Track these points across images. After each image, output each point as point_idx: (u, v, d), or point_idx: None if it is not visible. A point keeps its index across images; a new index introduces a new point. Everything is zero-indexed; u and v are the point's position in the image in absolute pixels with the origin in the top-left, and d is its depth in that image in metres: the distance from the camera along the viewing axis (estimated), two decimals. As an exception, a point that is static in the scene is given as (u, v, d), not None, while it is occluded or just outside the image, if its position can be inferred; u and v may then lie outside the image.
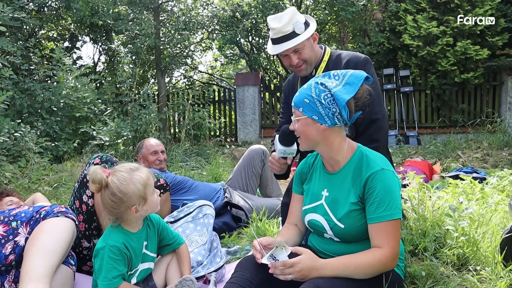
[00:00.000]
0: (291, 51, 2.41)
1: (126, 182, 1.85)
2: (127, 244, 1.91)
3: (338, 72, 1.77)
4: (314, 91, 1.72)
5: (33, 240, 1.84)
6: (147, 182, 1.89)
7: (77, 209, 2.36)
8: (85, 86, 7.58)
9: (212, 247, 2.47)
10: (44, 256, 1.79)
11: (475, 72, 8.60)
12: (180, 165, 6.20)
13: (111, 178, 1.86)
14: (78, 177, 2.42)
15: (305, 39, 2.39)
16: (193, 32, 10.42)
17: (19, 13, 6.31)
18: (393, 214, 1.65)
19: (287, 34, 2.37)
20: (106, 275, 1.84)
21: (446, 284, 2.00)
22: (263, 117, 10.33)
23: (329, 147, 1.78)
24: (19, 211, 1.99)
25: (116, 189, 1.83)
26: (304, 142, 1.80)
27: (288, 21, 2.35)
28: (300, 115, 1.76)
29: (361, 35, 10.26)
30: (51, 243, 1.84)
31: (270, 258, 1.65)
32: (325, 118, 1.72)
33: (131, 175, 1.87)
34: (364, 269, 1.64)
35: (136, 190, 1.85)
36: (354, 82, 1.72)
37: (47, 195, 4.44)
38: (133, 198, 1.86)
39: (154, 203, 1.94)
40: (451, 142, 7.89)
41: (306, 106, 1.73)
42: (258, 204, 3.52)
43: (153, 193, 1.94)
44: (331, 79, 1.75)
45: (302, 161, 2.02)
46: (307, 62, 2.46)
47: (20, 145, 5.32)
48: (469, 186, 3.19)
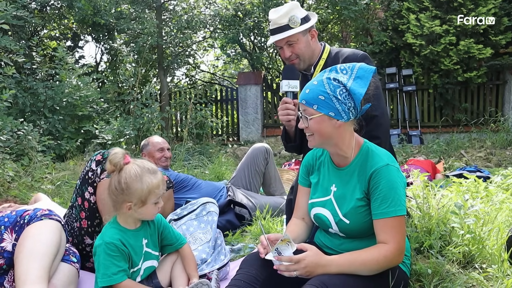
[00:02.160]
0: (284, 43, 2.46)
1: (135, 178, 1.84)
2: (123, 240, 1.89)
3: (345, 66, 1.75)
4: (329, 87, 1.69)
5: (20, 247, 1.82)
6: (154, 189, 1.87)
7: (79, 206, 2.35)
8: (88, 85, 7.59)
9: (216, 244, 2.46)
10: (34, 259, 1.78)
11: (478, 71, 8.59)
12: (183, 163, 6.20)
13: (127, 167, 1.86)
14: (80, 175, 2.40)
15: (298, 33, 2.42)
16: (195, 31, 10.42)
17: (22, 11, 6.31)
18: (397, 210, 1.65)
19: (281, 26, 2.42)
20: (106, 272, 1.82)
21: (452, 281, 1.99)
22: (265, 116, 10.33)
23: (341, 143, 1.76)
24: (1, 216, 1.96)
25: (123, 179, 1.84)
26: (318, 139, 1.76)
27: (284, 14, 2.41)
28: (314, 113, 1.71)
29: (364, 34, 10.24)
30: (39, 246, 1.82)
31: (276, 252, 1.64)
32: (342, 114, 1.70)
33: (143, 174, 1.85)
34: (370, 265, 1.63)
35: (139, 190, 1.84)
36: (365, 75, 1.71)
37: (49, 193, 4.44)
38: (133, 196, 1.85)
39: (150, 213, 1.92)
40: (454, 141, 7.88)
41: (322, 103, 1.69)
42: (262, 202, 3.51)
43: (155, 203, 1.90)
44: (339, 74, 1.73)
45: (308, 153, 2.01)
46: (300, 57, 2.49)
47: (23, 143, 5.32)
48: (473, 184, 3.17)
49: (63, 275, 1.94)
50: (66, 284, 1.94)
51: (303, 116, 1.75)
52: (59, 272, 1.92)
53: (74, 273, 2.02)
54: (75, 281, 2.03)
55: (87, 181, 2.32)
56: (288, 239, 1.64)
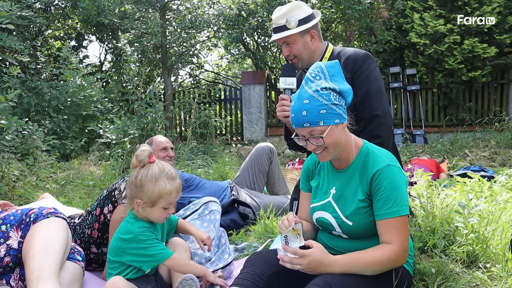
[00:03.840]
0: (281, 42, 2.52)
1: (150, 178, 1.91)
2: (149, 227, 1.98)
3: (315, 72, 1.72)
4: (323, 98, 1.67)
5: (29, 243, 1.85)
6: (165, 194, 1.92)
7: (96, 216, 2.40)
8: (92, 84, 7.62)
9: (221, 243, 2.47)
10: (46, 256, 1.80)
11: (483, 70, 8.55)
12: (187, 163, 6.21)
13: (150, 165, 1.94)
14: (109, 186, 2.46)
15: (294, 34, 2.46)
16: (199, 30, 10.43)
17: (27, 11, 6.34)
18: (400, 210, 1.65)
19: (279, 26, 2.48)
20: (152, 253, 1.91)
21: (456, 281, 1.99)
22: (269, 116, 10.32)
23: (346, 145, 1.77)
24: (7, 214, 1.99)
25: (140, 176, 1.92)
26: (332, 151, 1.73)
27: (283, 14, 2.46)
28: (324, 129, 1.67)
29: (367, 33, 10.22)
30: (48, 242, 1.85)
31: (284, 240, 1.65)
32: (343, 115, 1.71)
33: (159, 177, 1.92)
34: (373, 266, 1.63)
35: (150, 190, 1.90)
36: (336, 71, 1.74)
37: (54, 192, 4.47)
38: (144, 194, 1.91)
39: (158, 216, 1.98)
40: (458, 140, 7.85)
41: (326, 116, 1.66)
42: (266, 201, 3.51)
43: (165, 209, 1.96)
44: (317, 81, 1.70)
45: (308, 158, 2.02)
46: (298, 57, 2.53)
47: (28, 143, 5.34)
48: (477, 184, 3.16)
49: (68, 273, 1.96)
50: (72, 282, 1.96)
51: (311, 138, 1.69)
52: (64, 270, 1.94)
53: (79, 272, 2.04)
54: (80, 280, 2.05)
55: (110, 198, 2.37)
56: (298, 230, 1.65)
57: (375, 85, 2.42)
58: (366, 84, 2.41)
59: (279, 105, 2.39)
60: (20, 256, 1.88)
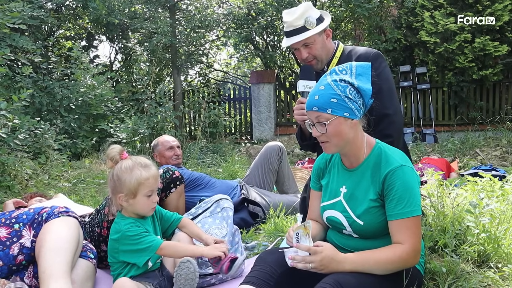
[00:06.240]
0: (301, 44, 2.46)
1: (125, 171, 1.98)
2: (136, 222, 2.01)
3: (343, 67, 1.75)
4: (338, 88, 1.69)
5: (41, 242, 1.87)
6: (143, 181, 1.97)
7: (105, 215, 2.43)
8: (102, 84, 7.68)
9: (234, 241, 2.48)
10: (58, 254, 1.82)
11: (494, 69, 8.45)
12: (196, 162, 6.24)
13: (122, 161, 2.01)
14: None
15: (314, 34, 2.42)
16: (209, 30, 10.45)
17: (38, 11, 6.41)
18: (413, 211, 1.64)
19: (298, 28, 2.42)
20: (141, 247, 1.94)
21: (467, 280, 1.98)
22: (278, 115, 10.32)
23: (355, 143, 1.76)
24: (20, 213, 2.01)
25: (116, 172, 1.99)
26: (335, 144, 1.74)
27: (300, 16, 2.40)
28: (330, 117, 1.68)
29: (377, 32, 10.16)
30: (60, 241, 1.87)
31: (295, 237, 1.65)
32: (355, 112, 1.71)
33: (134, 168, 1.98)
34: (385, 265, 1.63)
35: (127, 180, 1.96)
36: (364, 72, 1.74)
37: (66, 191, 4.52)
38: (123, 187, 1.97)
39: (143, 205, 2.01)
40: (469, 139, 7.78)
41: (335, 106, 1.68)
42: (275, 200, 3.51)
43: (146, 195, 1.99)
44: (340, 75, 1.73)
45: (319, 157, 2.02)
46: (317, 58, 2.49)
47: (40, 142, 5.42)
48: (488, 183, 3.14)
49: (81, 271, 1.99)
50: (84, 280, 1.98)
51: (317, 123, 1.72)
52: (77, 268, 1.96)
53: (91, 269, 2.07)
54: (93, 277, 2.08)
55: None
56: (308, 229, 1.64)
57: (386, 84, 2.41)
58: (377, 83, 2.40)
59: (297, 108, 2.37)
60: (33, 254, 1.90)
